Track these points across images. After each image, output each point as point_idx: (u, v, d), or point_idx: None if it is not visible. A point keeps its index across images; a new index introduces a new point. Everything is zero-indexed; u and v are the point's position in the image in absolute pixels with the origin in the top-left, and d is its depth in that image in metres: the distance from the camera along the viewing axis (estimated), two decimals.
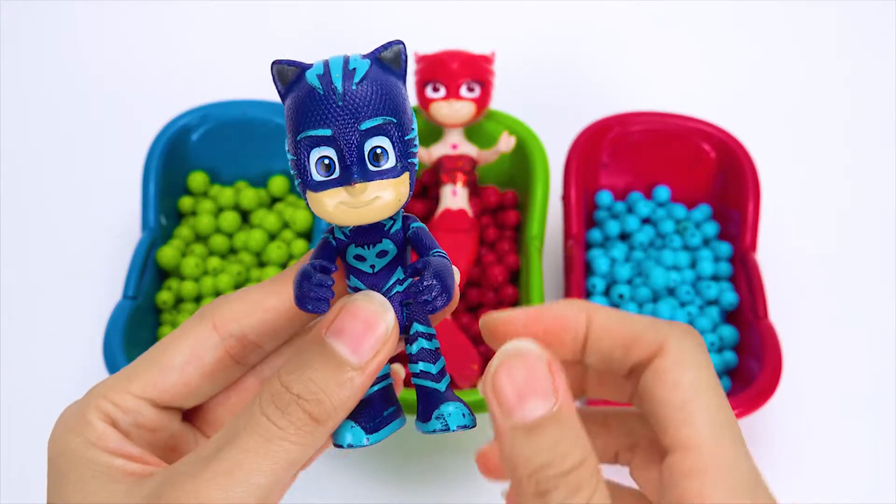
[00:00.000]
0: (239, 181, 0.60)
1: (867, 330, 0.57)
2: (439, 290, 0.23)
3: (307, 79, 0.24)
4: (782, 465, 0.51)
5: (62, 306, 0.58)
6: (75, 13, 0.75)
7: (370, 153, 0.23)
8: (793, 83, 0.72)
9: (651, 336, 0.25)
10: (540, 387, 0.23)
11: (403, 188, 0.24)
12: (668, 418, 0.24)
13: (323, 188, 0.24)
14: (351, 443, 0.25)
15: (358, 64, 0.24)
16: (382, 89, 0.24)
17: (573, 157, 0.57)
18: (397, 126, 0.24)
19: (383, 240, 0.25)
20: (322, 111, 0.23)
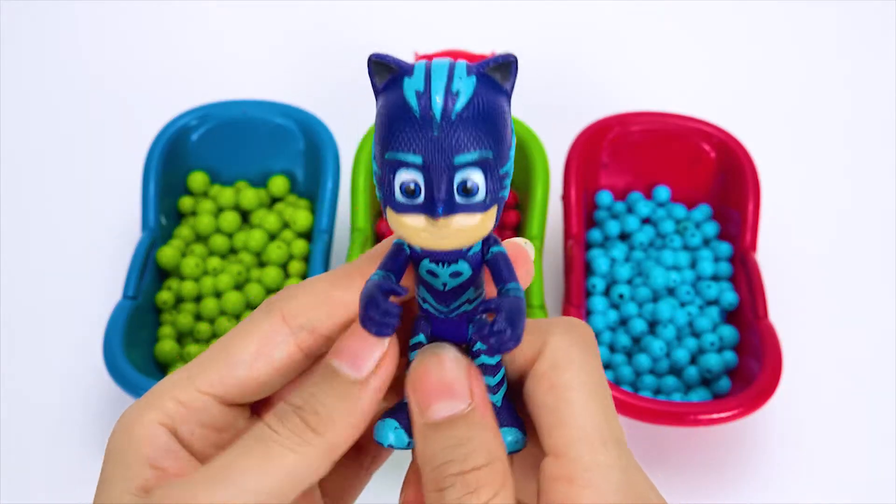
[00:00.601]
0: (239, 181, 0.60)
1: (867, 330, 0.57)
2: (509, 336, 0.22)
3: (405, 91, 0.22)
4: (782, 464, 0.51)
5: (62, 306, 0.58)
6: (75, 13, 0.75)
7: (459, 185, 0.22)
8: (793, 83, 0.72)
9: (531, 338, 0.25)
10: (454, 387, 0.23)
11: (489, 221, 0.23)
12: (542, 422, 0.24)
13: (404, 211, 0.22)
14: (392, 443, 0.25)
15: (462, 85, 0.22)
16: (485, 118, 0.22)
17: (573, 157, 0.57)
18: (494, 160, 0.22)
19: (459, 261, 0.24)
20: (415, 136, 0.22)
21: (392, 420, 0.25)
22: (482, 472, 0.22)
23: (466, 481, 0.22)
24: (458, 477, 0.22)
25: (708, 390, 0.52)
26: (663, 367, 0.52)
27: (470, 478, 0.22)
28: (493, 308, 0.23)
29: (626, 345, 0.53)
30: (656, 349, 0.52)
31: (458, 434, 0.23)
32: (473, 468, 0.23)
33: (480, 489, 0.22)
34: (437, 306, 0.25)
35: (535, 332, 0.25)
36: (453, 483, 0.22)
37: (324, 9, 0.76)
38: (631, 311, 0.54)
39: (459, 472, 0.23)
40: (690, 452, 0.52)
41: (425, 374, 0.24)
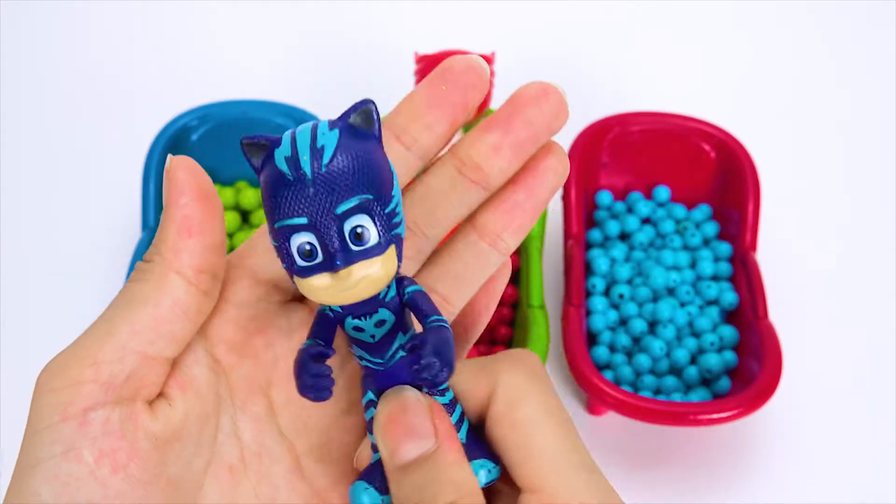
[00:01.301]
0: (239, 181, 0.60)
1: (867, 330, 0.57)
2: (439, 367, 0.22)
3: (276, 161, 0.22)
4: (782, 464, 0.51)
5: (62, 306, 0.58)
6: (75, 13, 0.75)
7: (350, 233, 0.22)
8: (793, 83, 0.72)
9: (480, 381, 0.25)
10: (417, 428, 0.24)
11: (391, 263, 0.23)
12: (512, 460, 0.24)
13: (308, 274, 0.23)
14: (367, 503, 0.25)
15: (326, 139, 0.22)
16: (355, 164, 0.22)
17: (573, 157, 0.57)
18: (376, 201, 0.22)
19: (379, 309, 0.24)
20: (294, 198, 0.22)
21: (362, 482, 0.25)
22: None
23: None
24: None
25: (708, 390, 0.52)
26: (663, 367, 0.52)
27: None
28: (416, 344, 0.23)
29: (626, 345, 0.53)
30: (656, 349, 0.52)
31: (426, 474, 0.23)
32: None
33: None
34: (374, 360, 0.25)
35: (483, 374, 0.25)
36: None
37: (324, 9, 0.76)
38: (631, 311, 0.54)
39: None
40: (690, 452, 0.52)
41: (389, 419, 0.24)
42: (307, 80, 0.70)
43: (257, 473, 0.26)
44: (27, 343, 0.57)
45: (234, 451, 0.26)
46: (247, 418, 0.26)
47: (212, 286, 0.25)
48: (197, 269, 0.25)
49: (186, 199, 0.25)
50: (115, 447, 0.23)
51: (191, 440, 0.25)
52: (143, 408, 0.24)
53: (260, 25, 0.75)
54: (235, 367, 0.26)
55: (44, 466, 0.23)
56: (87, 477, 0.23)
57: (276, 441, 0.27)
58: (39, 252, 0.61)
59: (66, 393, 0.23)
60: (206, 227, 0.25)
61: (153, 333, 0.24)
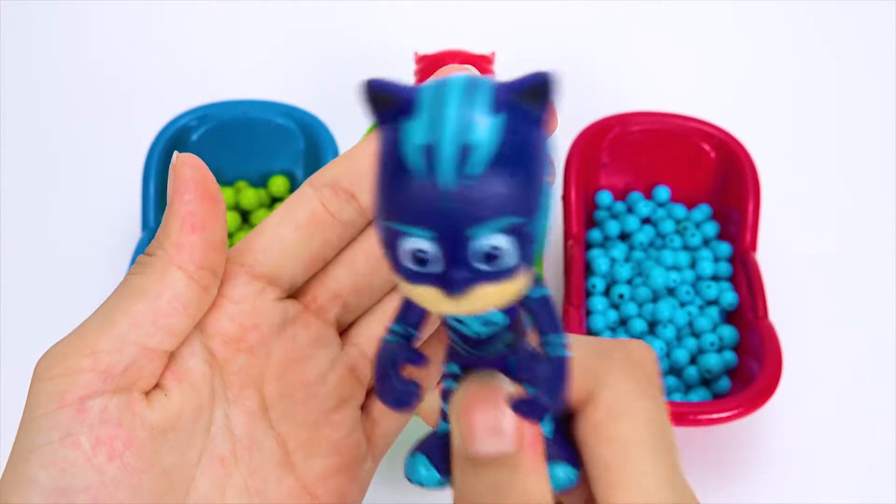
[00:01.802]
0: (239, 181, 0.60)
1: (867, 330, 0.57)
2: (547, 406, 0.20)
3: (401, 140, 0.17)
4: (782, 464, 0.51)
5: (62, 306, 0.58)
6: (75, 13, 0.75)
7: (483, 253, 0.17)
8: (793, 83, 0.72)
9: (584, 376, 0.23)
10: (503, 426, 0.21)
11: (521, 284, 0.18)
12: (598, 477, 0.22)
13: (416, 281, 0.18)
14: (422, 483, 0.23)
15: (484, 131, 0.16)
16: (515, 174, 0.16)
17: (573, 157, 0.57)
18: (527, 223, 0.17)
19: (491, 311, 0.20)
20: (420, 206, 0.16)
21: (423, 457, 0.23)
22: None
23: None
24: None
25: (708, 390, 0.52)
26: (663, 367, 0.52)
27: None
28: (530, 378, 0.20)
29: None
30: (656, 349, 0.52)
31: (500, 477, 0.21)
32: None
33: None
34: (468, 349, 0.21)
35: (588, 366, 0.23)
36: None
37: (324, 9, 0.76)
38: (631, 311, 0.54)
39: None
40: (690, 452, 0.52)
41: (474, 402, 0.21)
42: (307, 80, 0.70)
43: (248, 466, 0.26)
44: (27, 343, 0.57)
45: (227, 443, 0.26)
46: (239, 412, 0.27)
47: (211, 282, 0.26)
48: (198, 264, 0.25)
49: (191, 196, 0.25)
50: (112, 435, 0.23)
51: (185, 431, 0.25)
52: (140, 398, 0.24)
53: (260, 25, 0.75)
54: (230, 361, 0.27)
55: (41, 452, 0.23)
56: (84, 463, 0.23)
57: (267, 435, 0.27)
58: (39, 252, 0.61)
59: (65, 381, 0.24)
60: (209, 223, 0.25)
61: (152, 326, 0.24)
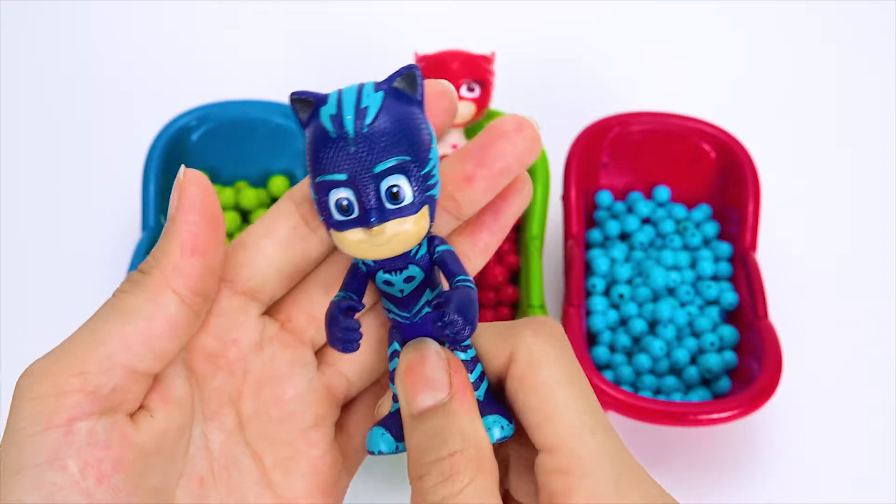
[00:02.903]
0: (239, 181, 0.60)
1: (868, 330, 0.57)
2: (462, 324, 0.23)
3: (321, 118, 0.24)
4: (782, 464, 0.51)
5: (62, 306, 0.58)
6: (74, 13, 0.75)
7: (387, 192, 0.23)
8: (793, 83, 0.72)
9: (501, 343, 0.26)
10: (433, 379, 0.25)
11: (423, 222, 0.24)
12: (531, 422, 0.25)
13: (344, 228, 0.24)
14: (382, 449, 0.26)
15: (370, 100, 0.23)
16: (396, 126, 0.23)
17: (573, 157, 0.57)
18: (413, 163, 0.24)
19: (409, 266, 0.25)
20: (335, 155, 0.23)
21: (380, 428, 0.26)
22: (456, 458, 0.23)
23: (441, 468, 0.23)
24: (434, 464, 0.23)
25: (708, 390, 0.52)
26: (663, 367, 0.52)
27: (444, 465, 0.23)
28: (441, 302, 0.24)
29: (626, 345, 0.53)
30: (656, 349, 0.52)
31: (437, 423, 0.24)
32: (448, 455, 0.23)
33: (454, 476, 0.23)
34: (401, 313, 0.26)
35: (505, 336, 0.26)
36: (429, 471, 0.23)
37: (324, 9, 0.76)
38: (631, 311, 0.54)
39: (435, 459, 0.23)
40: (690, 452, 0.52)
41: (410, 368, 0.25)
42: (307, 80, 0.70)
43: (226, 485, 0.26)
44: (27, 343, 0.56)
45: (205, 462, 0.26)
46: (217, 430, 0.27)
47: (203, 307, 0.26)
48: (193, 290, 0.25)
49: (196, 218, 0.25)
50: (100, 457, 0.23)
51: (169, 451, 0.25)
52: (126, 419, 0.24)
53: (260, 25, 0.75)
54: (209, 379, 0.27)
55: (28, 474, 0.23)
56: (72, 487, 0.23)
57: (244, 453, 0.27)
58: (39, 252, 0.61)
59: (51, 402, 0.23)
60: (209, 248, 0.25)
61: (143, 348, 0.24)
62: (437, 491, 0.23)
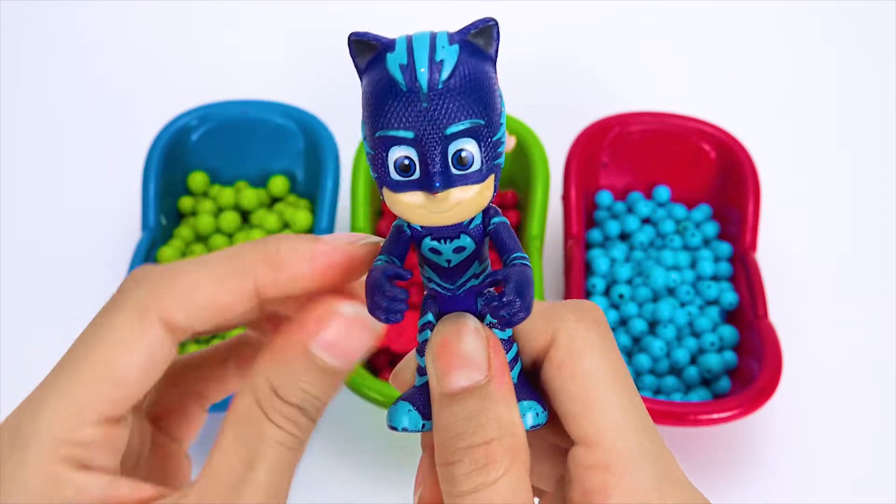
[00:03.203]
0: (239, 181, 0.60)
1: (867, 329, 0.57)
2: (519, 307, 0.22)
3: (388, 66, 0.21)
4: (782, 464, 0.51)
5: (62, 306, 0.58)
6: (75, 13, 0.75)
7: (454, 156, 0.22)
8: (793, 83, 0.72)
9: (541, 325, 0.24)
10: (472, 358, 0.23)
11: (488, 191, 0.22)
12: (567, 411, 0.23)
13: (402, 189, 0.22)
14: (406, 426, 0.24)
15: (446, 53, 0.21)
16: (473, 85, 0.21)
17: (573, 157, 0.57)
18: (486, 127, 0.22)
19: (461, 235, 0.24)
20: (404, 110, 0.21)
21: (406, 403, 0.24)
22: (492, 447, 0.22)
23: (476, 456, 0.22)
24: (468, 451, 0.22)
25: (708, 390, 0.52)
26: (663, 367, 0.52)
27: (479, 452, 0.22)
28: (500, 279, 0.22)
29: (626, 345, 0.53)
30: (656, 349, 0.52)
31: (472, 406, 0.22)
32: (483, 442, 0.22)
33: (489, 465, 0.22)
34: (444, 283, 0.24)
35: (545, 318, 0.24)
36: (461, 458, 0.22)
37: (324, 9, 0.76)
38: (631, 311, 0.54)
39: (469, 445, 0.22)
40: (690, 452, 0.52)
41: (445, 343, 0.23)
42: (307, 80, 0.70)
43: None
44: (27, 343, 0.57)
45: None
46: None
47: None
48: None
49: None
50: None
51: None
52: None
53: (260, 25, 0.75)
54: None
55: None
56: None
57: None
58: (39, 252, 0.61)
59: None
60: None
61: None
62: (471, 480, 0.22)
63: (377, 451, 0.52)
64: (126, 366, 0.23)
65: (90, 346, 0.23)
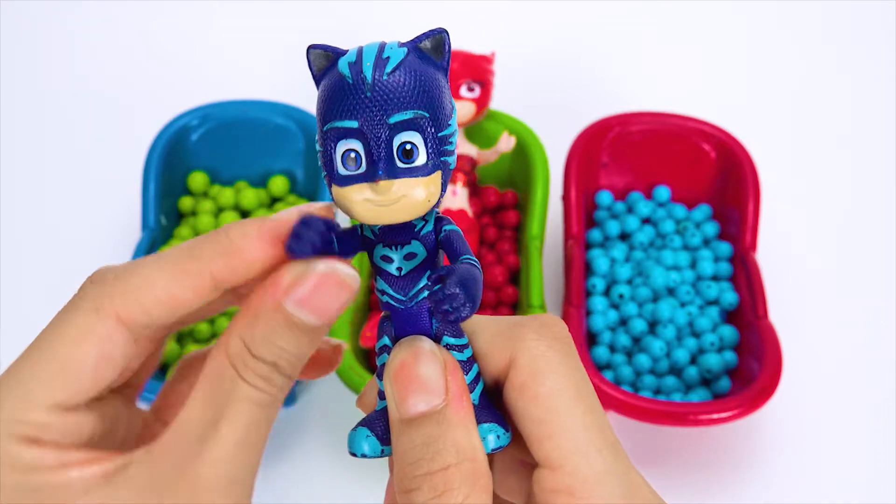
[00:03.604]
0: (239, 181, 0.60)
1: (867, 329, 0.57)
2: (462, 301, 0.21)
3: (339, 66, 0.22)
4: (782, 464, 0.51)
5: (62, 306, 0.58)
6: (75, 13, 0.75)
7: (399, 149, 0.22)
8: (793, 83, 0.72)
9: (501, 343, 0.24)
10: (428, 382, 0.23)
11: (434, 188, 0.22)
12: (529, 434, 0.23)
13: (348, 183, 0.22)
14: (365, 452, 0.24)
15: (393, 52, 0.22)
16: (417, 81, 0.22)
17: (573, 157, 0.57)
18: (431, 121, 0.22)
19: (413, 241, 0.24)
20: (349, 101, 0.22)
21: (364, 429, 0.24)
22: (450, 473, 0.22)
23: (434, 483, 0.22)
24: (426, 478, 0.22)
25: (708, 390, 0.52)
26: (663, 367, 0.52)
27: (437, 479, 0.22)
28: (443, 274, 0.22)
29: (626, 345, 0.53)
30: (656, 349, 0.52)
31: (429, 432, 0.22)
32: (441, 468, 0.22)
33: (447, 492, 0.22)
34: (396, 295, 0.24)
35: (506, 336, 0.24)
36: (420, 485, 0.22)
37: (323, 9, 0.76)
38: (631, 311, 0.54)
39: (427, 472, 0.22)
40: (690, 452, 0.52)
41: (401, 367, 0.23)
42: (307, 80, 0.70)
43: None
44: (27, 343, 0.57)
45: None
46: None
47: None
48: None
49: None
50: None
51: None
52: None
53: (260, 25, 0.75)
54: None
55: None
56: None
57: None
58: (40, 252, 0.61)
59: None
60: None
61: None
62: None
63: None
64: (78, 360, 0.23)
65: (47, 341, 0.24)
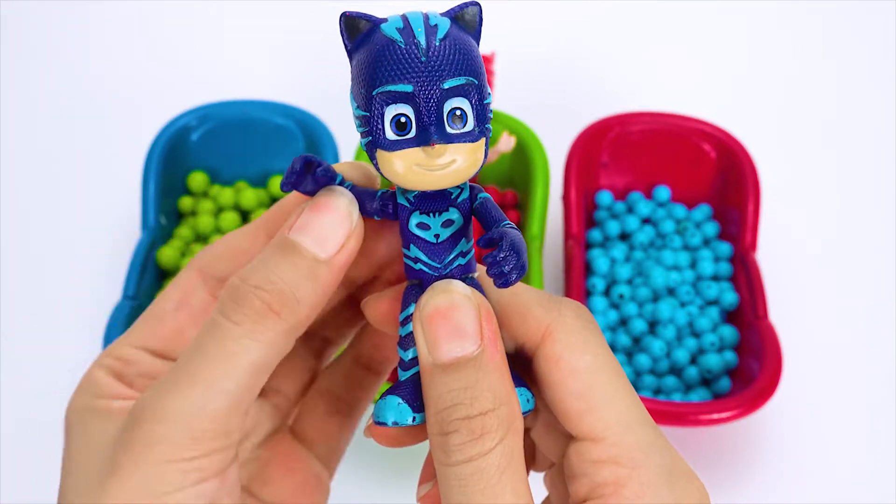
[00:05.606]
0: (239, 181, 0.60)
1: (867, 329, 0.57)
2: (515, 263, 0.22)
3: (384, 32, 0.22)
4: (782, 464, 0.51)
5: (62, 306, 0.58)
6: (75, 13, 0.75)
7: (449, 114, 0.22)
8: (793, 83, 0.72)
9: (539, 314, 0.24)
10: (464, 327, 0.22)
11: (480, 154, 0.23)
12: (568, 408, 0.23)
13: (397, 147, 0.22)
14: (396, 420, 0.23)
15: (439, 21, 0.23)
16: (464, 49, 0.22)
17: (573, 157, 0.57)
18: (477, 88, 0.22)
19: (450, 208, 0.24)
20: (404, 65, 0.22)
21: (394, 396, 0.24)
22: (488, 418, 0.22)
23: (471, 427, 0.22)
24: (464, 422, 0.22)
25: (708, 390, 0.52)
26: (663, 367, 0.52)
27: (475, 423, 0.22)
28: (496, 238, 0.22)
29: (626, 345, 0.53)
30: (656, 349, 0.52)
31: (466, 377, 0.22)
32: (479, 413, 0.22)
33: (485, 435, 0.22)
34: (431, 263, 0.24)
35: (544, 308, 0.24)
36: (458, 428, 0.22)
37: (323, 9, 0.75)
38: (631, 311, 0.54)
39: (465, 416, 0.22)
40: (690, 452, 0.52)
41: (435, 312, 0.23)
42: (307, 80, 0.70)
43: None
44: (27, 344, 0.57)
45: None
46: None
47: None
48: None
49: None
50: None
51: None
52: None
53: (260, 25, 0.75)
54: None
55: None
56: None
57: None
58: (39, 252, 0.61)
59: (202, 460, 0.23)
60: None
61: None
62: (465, 450, 0.22)
63: (381, 450, 0.52)
64: (163, 303, 0.26)
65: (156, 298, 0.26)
